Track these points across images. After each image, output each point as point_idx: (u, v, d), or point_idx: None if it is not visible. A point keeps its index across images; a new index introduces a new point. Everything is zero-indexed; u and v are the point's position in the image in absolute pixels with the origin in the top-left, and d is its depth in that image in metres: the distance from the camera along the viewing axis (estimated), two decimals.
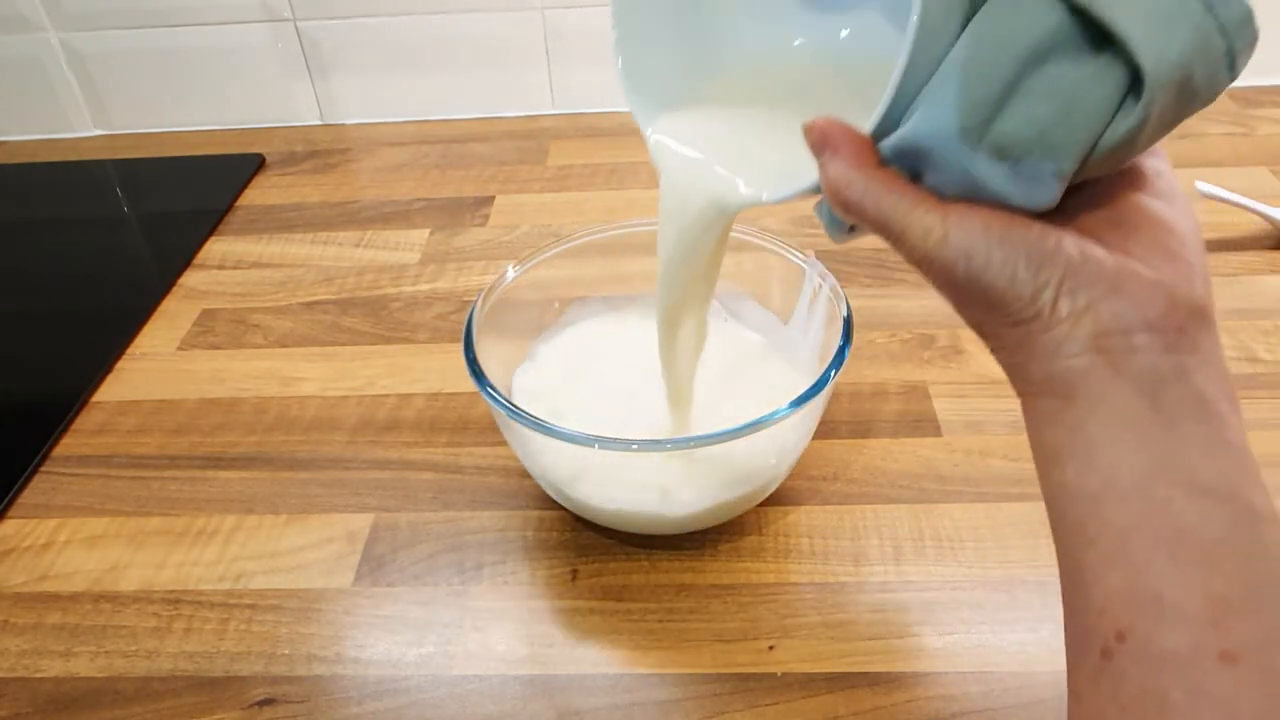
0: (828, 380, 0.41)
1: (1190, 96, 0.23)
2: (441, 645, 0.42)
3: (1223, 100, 0.82)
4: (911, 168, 0.26)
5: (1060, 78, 0.23)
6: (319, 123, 0.89)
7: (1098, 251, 0.23)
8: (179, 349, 0.62)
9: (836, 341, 0.43)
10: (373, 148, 0.85)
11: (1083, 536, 0.23)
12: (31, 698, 0.41)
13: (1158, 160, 0.26)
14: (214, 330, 0.63)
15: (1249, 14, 0.22)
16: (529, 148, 0.83)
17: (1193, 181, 0.63)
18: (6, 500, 0.51)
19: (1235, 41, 0.22)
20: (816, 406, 0.43)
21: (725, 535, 0.46)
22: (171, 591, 0.45)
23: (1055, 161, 0.23)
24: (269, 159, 0.84)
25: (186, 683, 0.41)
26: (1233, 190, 0.63)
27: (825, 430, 0.50)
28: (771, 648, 0.41)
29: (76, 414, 0.56)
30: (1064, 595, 0.24)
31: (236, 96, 0.88)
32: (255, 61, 0.86)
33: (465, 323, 0.45)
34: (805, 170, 0.28)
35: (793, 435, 0.44)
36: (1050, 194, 0.24)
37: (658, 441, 0.40)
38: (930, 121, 0.24)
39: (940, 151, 0.24)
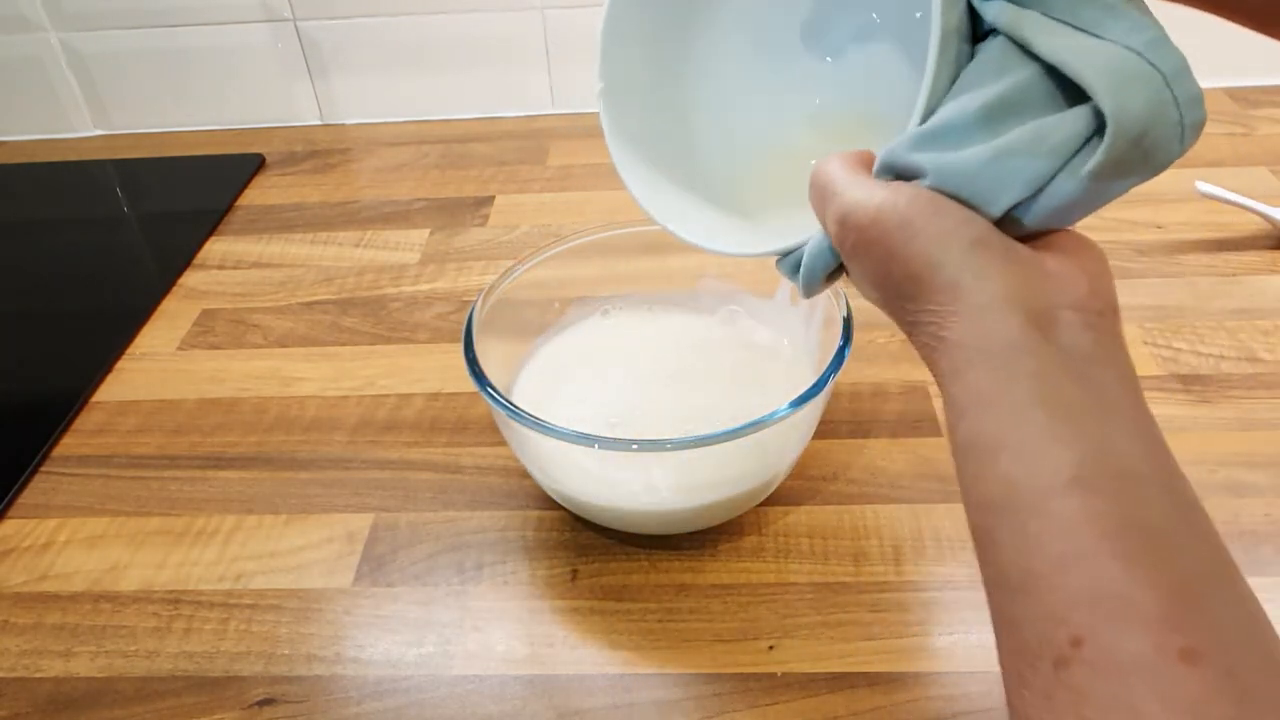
0: (828, 380, 0.41)
1: (1143, 158, 0.24)
2: (441, 645, 0.42)
3: (1223, 100, 0.82)
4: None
5: (1031, 119, 0.25)
6: (319, 123, 0.89)
7: (1023, 248, 0.25)
8: (179, 349, 0.62)
9: (836, 341, 0.43)
10: (373, 148, 0.85)
11: (1027, 538, 0.21)
12: (31, 698, 0.41)
13: None
14: (214, 330, 0.63)
15: (1200, 96, 0.24)
16: (529, 148, 0.83)
17: (1193, 181, 0.63)
18: (6, 500, 0.51)
19: (1187, 115, 0.24)
20: (816, 406, 0.43)
21: (725, 535, 0.46)
22: (171, 591, 0.45)
23: (1019, 176, 0.25)
24: (269, 159, 0.84)
25: (186, 683, 0.41)
26: (1233, 190, 0.63)
27: (825, 430, 0.50)
28: (771, 648, 0.41)
29: (76, 414, 0.56)
30: (1003, 609, 0.22)
31: (236, 96, 0.88)
32: (255, 61, 0.86)
33: (465, 323, 0.45)
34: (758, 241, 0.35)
35: (793, 435, 0.44)
36: (1006, 201, 0.26)
37: (658, 441, 0.40)
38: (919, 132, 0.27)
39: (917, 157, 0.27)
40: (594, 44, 0.38)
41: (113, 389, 0.59)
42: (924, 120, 0.27)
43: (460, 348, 0.44)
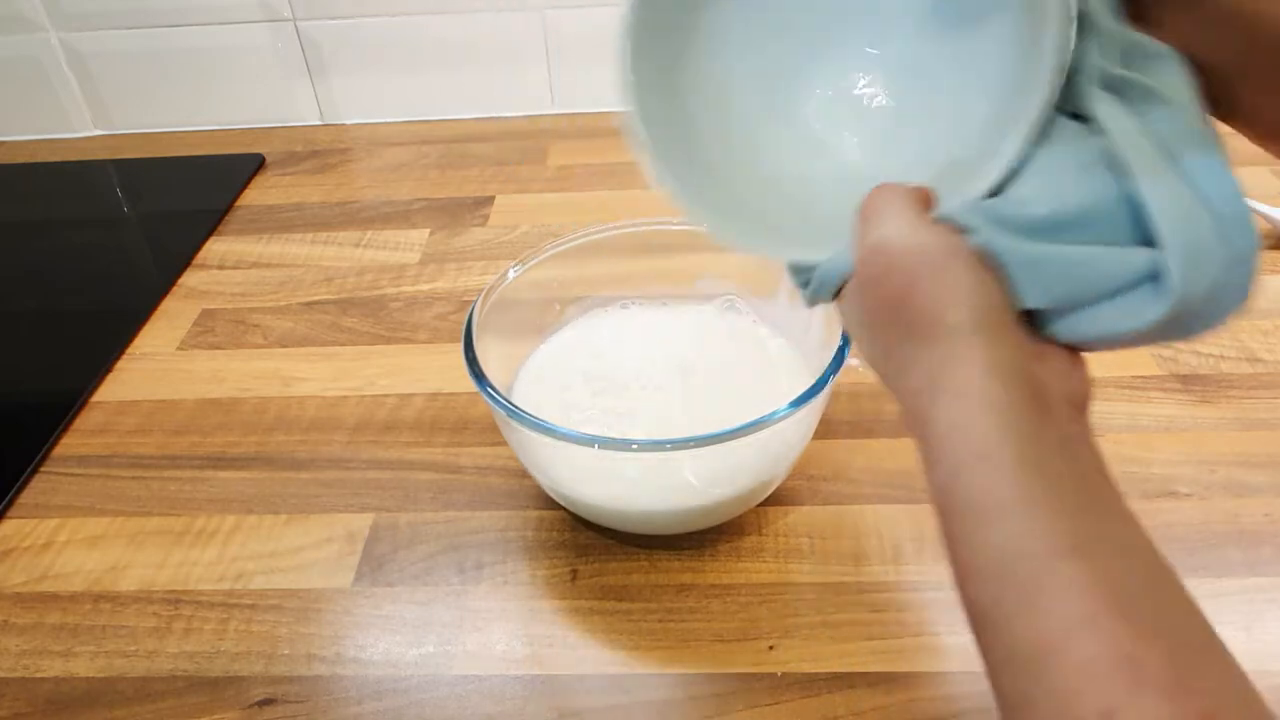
0: (828, 380, 0.41)
1: (1187, 328, 0.25)
2: (441, 645, 0.42)
3: None
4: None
5: (1095, 238, 0.25)
6: (319, 123, 0.89)
7: (1030, 335, 0.26)
8: (179, 349, 0.62)
9: (836, 341, 0.43)
10: (373, 148, 0.85)
11: (1035, 605, 0.21)
12: (31, 698, 0.41)
13: None
14: (214, 330, 0.63)
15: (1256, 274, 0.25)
16: (529, 148, 0.83)
17: None
18: (6, 500, 0.51)
19: (1235, 301, 0.25)
20: (816, 406, 0.43)
21: (725, 535, 0.46)
22: (171, 591, 0.45)
23: (1055, 292, 0.26)
24: (269, 159, 0.84)
25: (186, 683, 0.41)
26: None
27: (825, 430, 0.50)
28: (771, 648, 0.41)
29: (76, 414, 0.56)
30: (1016, 688, 0.21)
31: (236, 96, 0.88)
32: (255, 61, 0.86)
33: (465, 323, 0.45)
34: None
35: (793, 435, 0.44)
36: (1034, 303, 0.26)
37: (658, 441, 0.40)
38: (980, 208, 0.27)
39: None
40: (617, 40, 0.36)
41: (113, 389, 0.59)
42: (1000, 178, 0.27)
43: (460, 348, 0.44)
